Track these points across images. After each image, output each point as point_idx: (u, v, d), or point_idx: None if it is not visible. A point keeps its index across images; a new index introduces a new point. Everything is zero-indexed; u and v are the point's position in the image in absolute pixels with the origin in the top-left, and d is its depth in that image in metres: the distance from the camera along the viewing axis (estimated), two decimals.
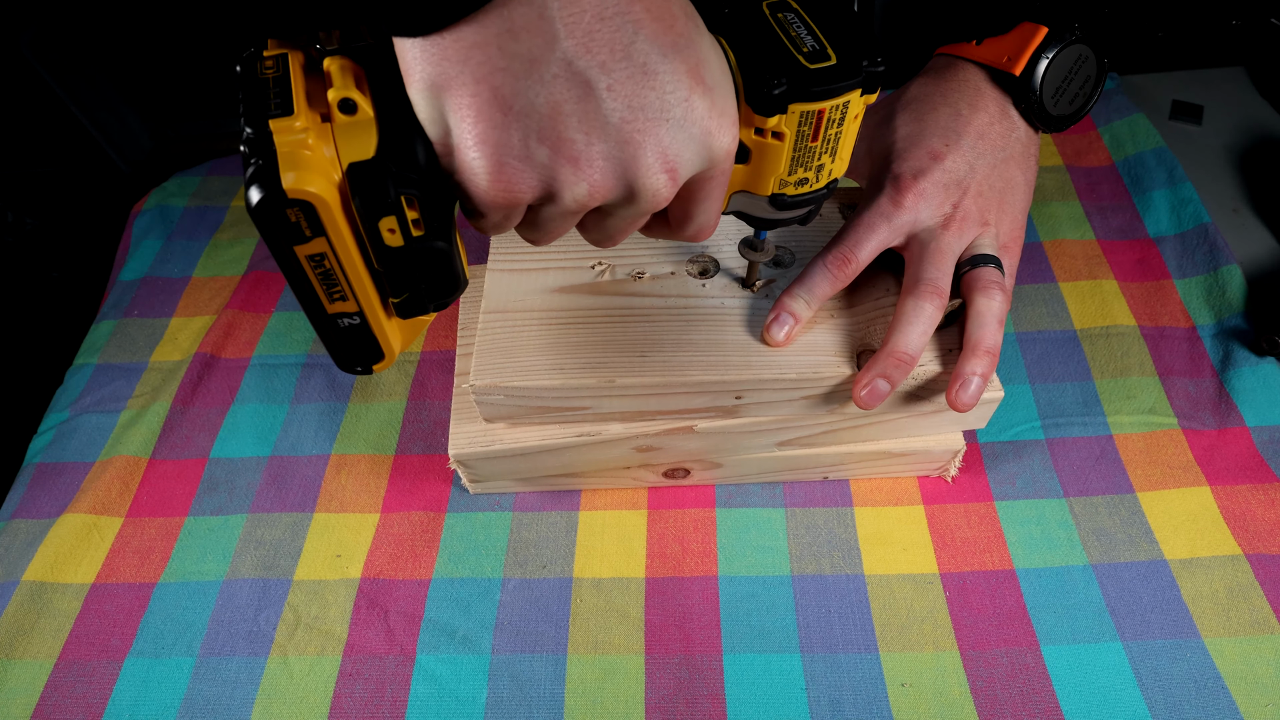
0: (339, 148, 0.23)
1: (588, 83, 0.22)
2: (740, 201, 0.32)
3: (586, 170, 0.24)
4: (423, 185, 0.24)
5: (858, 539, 0.45)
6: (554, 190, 0.24)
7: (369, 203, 0.24)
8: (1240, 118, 0.65)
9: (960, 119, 0.39)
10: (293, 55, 0.24)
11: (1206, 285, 0.54)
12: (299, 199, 0.23)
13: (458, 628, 0.42)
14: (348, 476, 0.49)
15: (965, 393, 0.36)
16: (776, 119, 0.27)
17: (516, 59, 0.21)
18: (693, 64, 0.23)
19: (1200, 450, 0.46)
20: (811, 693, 0.39)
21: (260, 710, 0.40)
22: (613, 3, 0.21)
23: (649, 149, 0.24)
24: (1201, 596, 0.41)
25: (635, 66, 0.22)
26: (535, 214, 0.26)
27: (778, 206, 0.31)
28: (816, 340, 0.39)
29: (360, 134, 0.23)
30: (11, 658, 0.42)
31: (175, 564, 0.46)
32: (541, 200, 0.25)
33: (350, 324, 0.27)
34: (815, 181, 0.30)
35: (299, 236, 0.24)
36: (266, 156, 0.22)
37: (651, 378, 0.38)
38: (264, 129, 0.23)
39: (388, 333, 0.29)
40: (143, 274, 0.62)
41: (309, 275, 0.25)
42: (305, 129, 0.23)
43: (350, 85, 0.23)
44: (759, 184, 0.30)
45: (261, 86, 0.24)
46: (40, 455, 0.52)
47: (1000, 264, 0.38)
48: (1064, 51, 0.38)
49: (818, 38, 0.27)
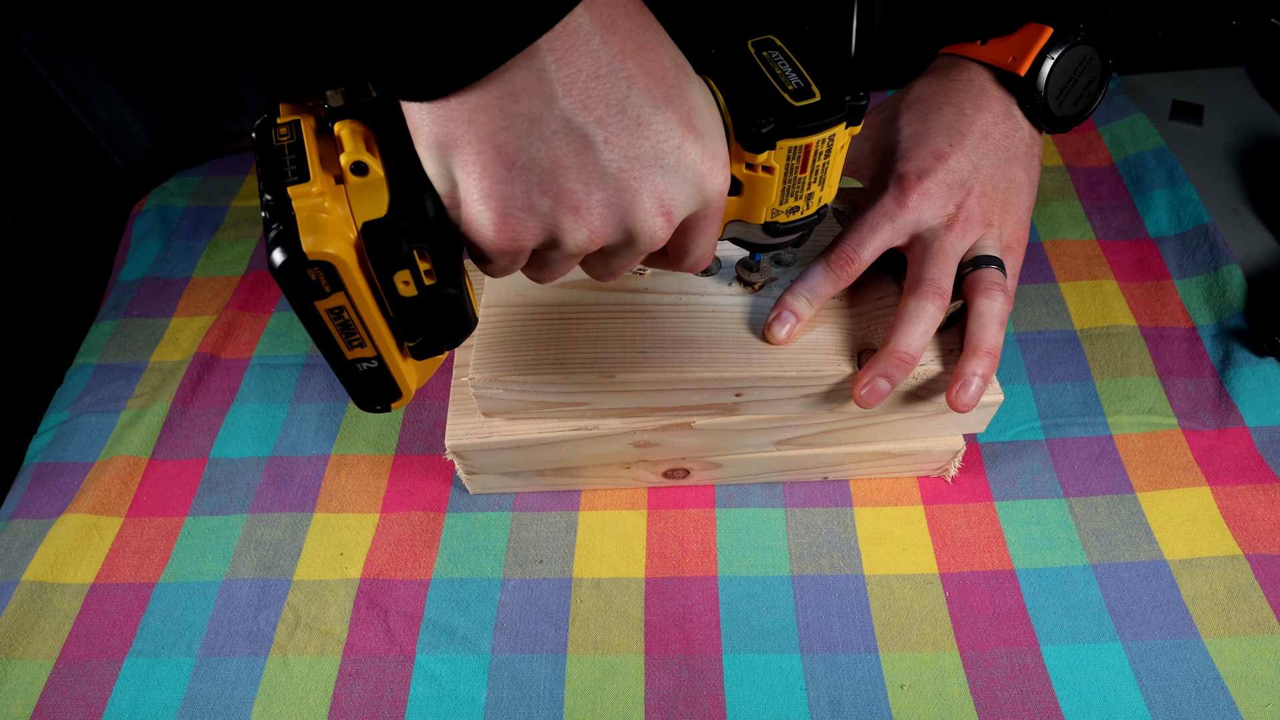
0: (353, 208, 0.25)
1: (585, 137, 0.23)
2: (735, 230, 0.33)
3: (587, 218, 0.25)
4: (433, 238, 0.25)
5: (857, 539, 0.45)
6: (557, 237, 0.25)
7: (383, 258, 0.25)
8: (1240, 118, 0.65)
9: (964, 119, 0.39)
10: (304, 121, 0.26)
11: (1206, 285, 0.54)
12: (319, 260, 0.24)
13: (457, 628, 0.42)
14: (348, 476, 0.49)
15: (966, 394, 0.36)
16: (766, 155, 0.29)
17: (518, 118, 0.22)
18: (684, 113, 0.25)
19: (1200, 450, 0.46)
20: (811, 693, 0.39)
21: (260, 710, 0.40)
22: (607, 61, 0.23)
23: (645, 195, 0.25)
24: (1201, 597, 0.41)
25: (630, 119, 0.23)
26: (539, 257, 0.28)
27: (771, 233, 0.33)
28: (817, 339, 0.39)
29: (372, 194, 0.25)
30: (11, 658, 0.42)
31: (175, 564, 0.46)
32: (545, 246, 0.26)
33: (369, 367, 0.28)
34: (806, 209, 0.32)
35: (319, 293, 0.25)
36: (287, 222, 0.24)
37: (651, 373, 0.38)
38: (283, 195, 0.24)
39: (404, 372, 0.30)
40: (143, 274, 0.62)
41: (329, 326, 0.26)
42: (321, 193, 0.24)
43: (361, 149, 0.24)
44: (752, 214, 0.31)
45: (277, 154, 0.25)
46: (40, 455, 0.52)
47: (1002, 265, 0.38)
48: (1069, 52, 0.38)
49: (802, 75, 0.29)
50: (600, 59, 0.22)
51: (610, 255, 0.28)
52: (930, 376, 0.38)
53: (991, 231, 0.39)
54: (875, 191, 0.39)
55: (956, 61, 0.41)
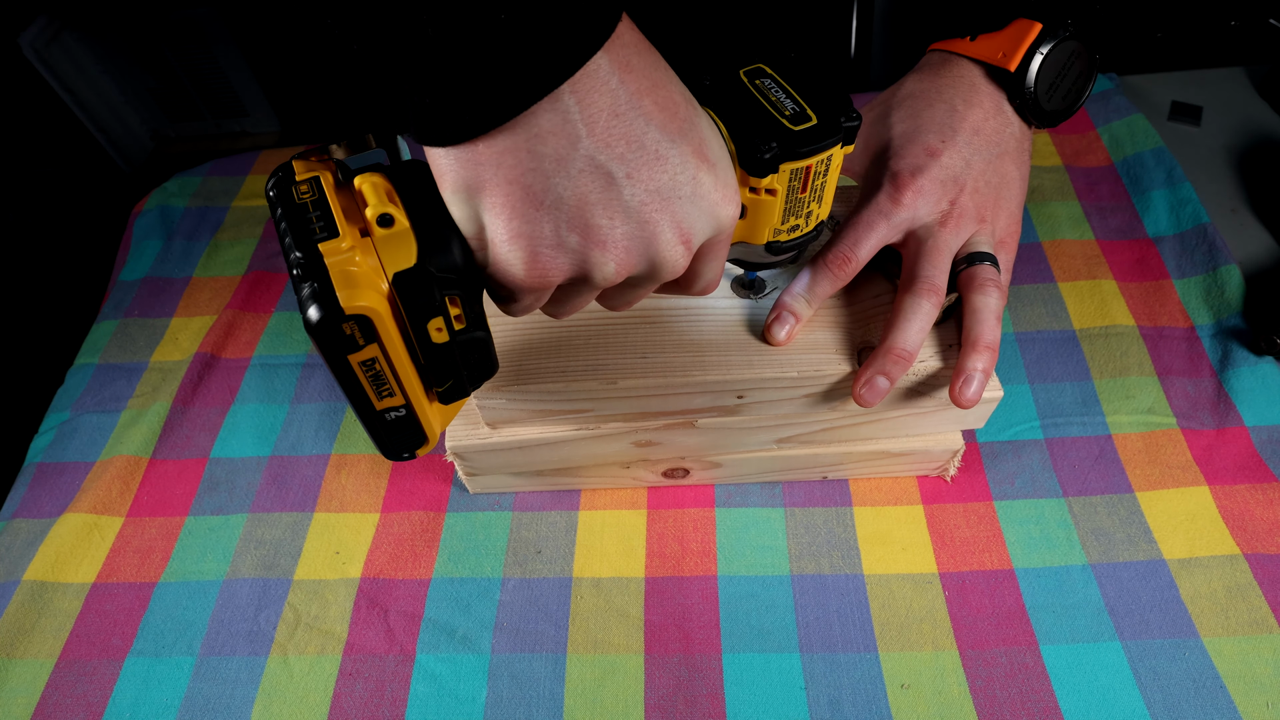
0: (382, 260, 0.25)
1: (609, 174, 0.24)
2: (739, 251, 0.35)
3: (613, 251, 0.26)
4: (462, 283, 0.26)
5: (857, 539, 0.45)
6: (586, 272, 0.26)
7: (417, 307, 0.25)
8: (1239, 118, 0.65)
9: (956, 115, 0.39)
10: (324, 177, 0.26)
11: (1205, 285, 0.54)
12: (355, 314, 0.24)
13: (457, 627, 0.43)
14: (348, 476, 0.49)
15: (969, 389, 0.36)
16: (770, 179, 0.30)
17: (545, 159, 0.23)
18: (697, 145, 0.26)
19: (1199, 450, 0.47)
20: (811, 692, 0.39)
21: (260, 709, 0.40)
22: (625, 99, 0.23)
23: (666, 226, 0.26)
24: (1200, 596, 0.41)
25: (649, 154, 0.24)
26: (562, 293, 0.28)
27: (773, 252, 0.34)
28: (817, 338, 0.39)
29: (400, 245, 0.25)
30: (12, 657, 0.42)
31: (175, 564, 0.46)
32: (572, 282, 0.27)
33: (397, 416, 0.29)
34: (805, 226, 0.34)
35: (353, 346, 0.25)
36: (320, 278, 0.24)
37: (654, 379, 0.38)
38: (314, 252, 0.24)
39: (430, 418, 0.30)
40: (143, 274, 0.62)
41: (360, 379, 0.27)
42: (351, 248, 0.24)
43: (385, 201, 0.25)
44: (755, 235, 0.33)
45: (301, 211, 0.25)
46: (41, 455, 0.52)
47: (996, 261, 0.38)
48: (1058, 47, 0.38)
49: (796, 100, 0.31)
50: (619, 98, 0.23)
51: (631, 287, 0.29)
52: (930, 372, 0.38)
53: (985, 227, 0.39)
54: (869, 189, 0.39)
55: (947, 58, 0.41)
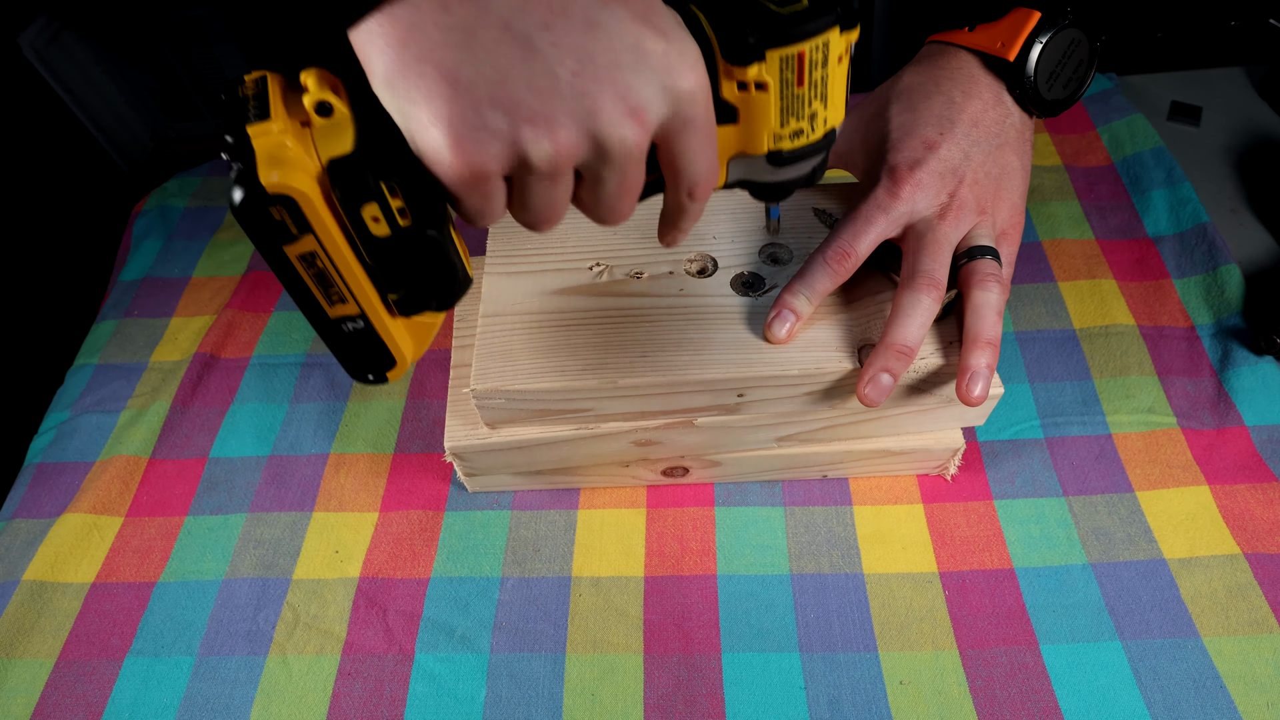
0: (318, 148, 0.24)
1: (530, 42, 0.22)
2: (739, 168, 0.31)
3: (547, 128, 0.23)
4: (404, 174, 0.24)
5: (857, 538, 0.45)
6: (521, 155, 0.24)
7: (349, 191, 0.24)
8: (1239, 118, 0.65)
9: (954, 106, 0.39)
10: (272, 76, 0.25)
11: (1205, 285, 0.54)
12: (280, 194, 0.23)
13: (456, 627, 0.43)
14: (347, 475, 0.49)
15: (975, 386, 0.36)
16: (756, 68, 0.27)
17: (453, 30, 0.22)
18: (637, 9, 0.23)
19: (1199, 449, 0.46)
20: (810, 692, 0.39)
21: (259, 709, 0.40)
22: None
23: (607, 98, 0.23)
24: (1200, 596, 0.41)
25: (576, 20, 0.22)
26: (517, 188, 0.26)
27: (777, 163, 0.30)
28: (818, 336, 0.39)
29: (338, 133, 0.24)
30: (12, 657, 0.42)
31: (175, 563, 0.46)
32: (514, 170, 0.25)
33: (355, 328, 0.27)
34: (811, 132, 0.29)
35: (286, 235, 0.24)
36: (246, 159, 0.23)
37: (653, 378, 0.38)
38: (243, 135, 0.23)
39: (395, 336, 0.29)
40: (143, 274, 0.62)
41: (303, 277, 0.25)
42: (283, 131, 0.23)
43: (326, 90, 0.24)
44: (753, 142, 0.29)
45: (241, 103, 0.24)
46: (41, 455, 0.52)
47: (997, 254, 0.38)
48: (1057, 36, 0.38)
49: None
50: None
51: (595, 182, 0.26)
52: (932, 369, 0.38)
53: (985, 219, 0.39)
54: (868, 184, 0.39)
55: (944, 49, 0.41)
